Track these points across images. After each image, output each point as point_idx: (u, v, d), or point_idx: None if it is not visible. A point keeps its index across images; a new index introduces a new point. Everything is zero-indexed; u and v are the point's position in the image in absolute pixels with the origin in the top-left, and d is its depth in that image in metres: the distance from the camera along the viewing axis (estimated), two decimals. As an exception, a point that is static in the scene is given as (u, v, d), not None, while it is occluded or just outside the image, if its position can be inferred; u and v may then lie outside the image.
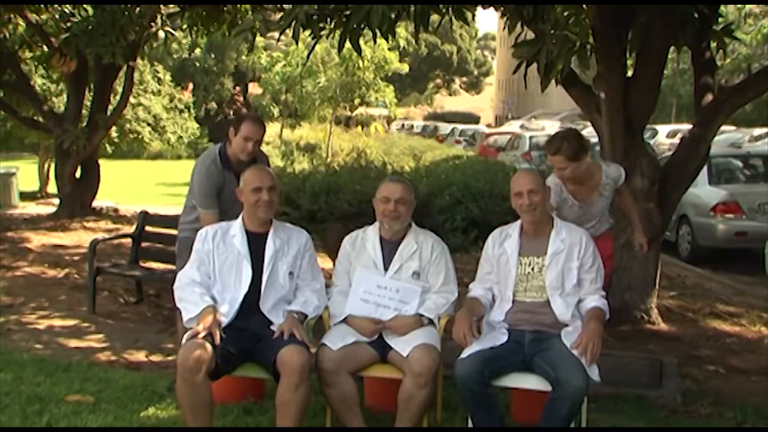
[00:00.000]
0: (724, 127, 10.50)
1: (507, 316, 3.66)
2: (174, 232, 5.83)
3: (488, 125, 47.74)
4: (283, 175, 11.32)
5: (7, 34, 10.68)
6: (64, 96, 13.27)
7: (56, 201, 12.54)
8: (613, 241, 4.78)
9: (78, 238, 9.73)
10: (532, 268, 3.67)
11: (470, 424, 3.51)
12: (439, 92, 64.26)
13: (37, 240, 9.47)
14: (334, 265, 4.10)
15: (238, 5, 7.73)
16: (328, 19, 4.82)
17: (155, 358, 5.17)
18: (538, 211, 3.67)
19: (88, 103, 11.74)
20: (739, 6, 15.78)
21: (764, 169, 10.23)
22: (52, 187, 14.35)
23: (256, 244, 3.70)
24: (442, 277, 3.84)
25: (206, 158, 4.44)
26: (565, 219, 3.96)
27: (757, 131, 19.92)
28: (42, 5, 9.90)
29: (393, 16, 4.49)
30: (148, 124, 18.15)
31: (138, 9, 9.28)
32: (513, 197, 3.71)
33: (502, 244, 3.76)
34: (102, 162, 12.16)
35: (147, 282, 6.61)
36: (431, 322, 3.74)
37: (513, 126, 33.49)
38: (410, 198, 3.87)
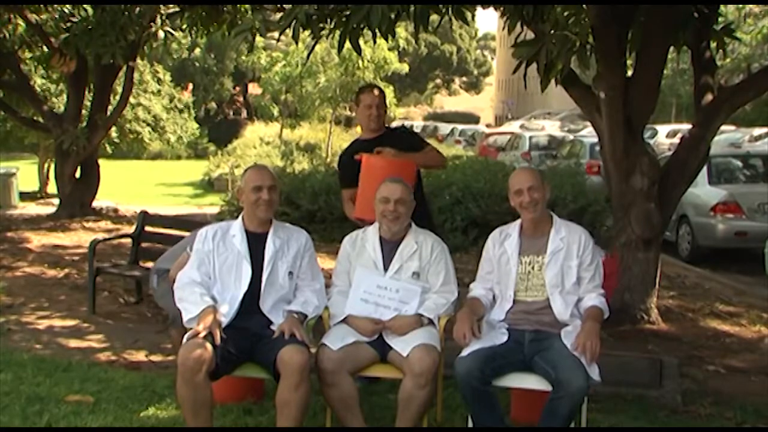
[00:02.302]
0: (724, 127, 10.50)
1: (507, 315, 3.66)
2: (174, 232, 5.84)
3: (488, 125, 47.73)
4: (283, 175, 11.34)
5: (7, 34, 10.68)
6: (64, 96, 13.28)
7: (56, 201, 12.55)
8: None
9: (78, 238, 9.74)
10: (533, 267, 3.67)
11: (470, 424, 3.50)
12: (439, 92, 64.18)
13: (37, 240, 9.48)
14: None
15: (238, 5, 7.72)
16: (328, 19, 4.81)
17: (155, 358, 5.17)
18: (539, 208, 3.67)
19: (88, 103, 11.75)
20: (739, 6, 15.77)
21: (764, 169, 10.22)
22: (52, 187, 14.36)
23: (256, 243, 3.70)
24: (442, 277, 3.84)
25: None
26: None
27: (757, 131, 19.93)
28: (42, 5, 9.91)
29: (393, 16, 4.48)
30: (148, 124, 18.17)
31: (138, 9, 9.30)
32: (512, 195, 3.71)
33: (503, 244, 3.76)
34: (102, 162, 12.17)
35: (147, 282, 6.60)
36: (431, 322, 3.74)
37: (513, 126, 33.49)
38: (410, 198, 3.87)
